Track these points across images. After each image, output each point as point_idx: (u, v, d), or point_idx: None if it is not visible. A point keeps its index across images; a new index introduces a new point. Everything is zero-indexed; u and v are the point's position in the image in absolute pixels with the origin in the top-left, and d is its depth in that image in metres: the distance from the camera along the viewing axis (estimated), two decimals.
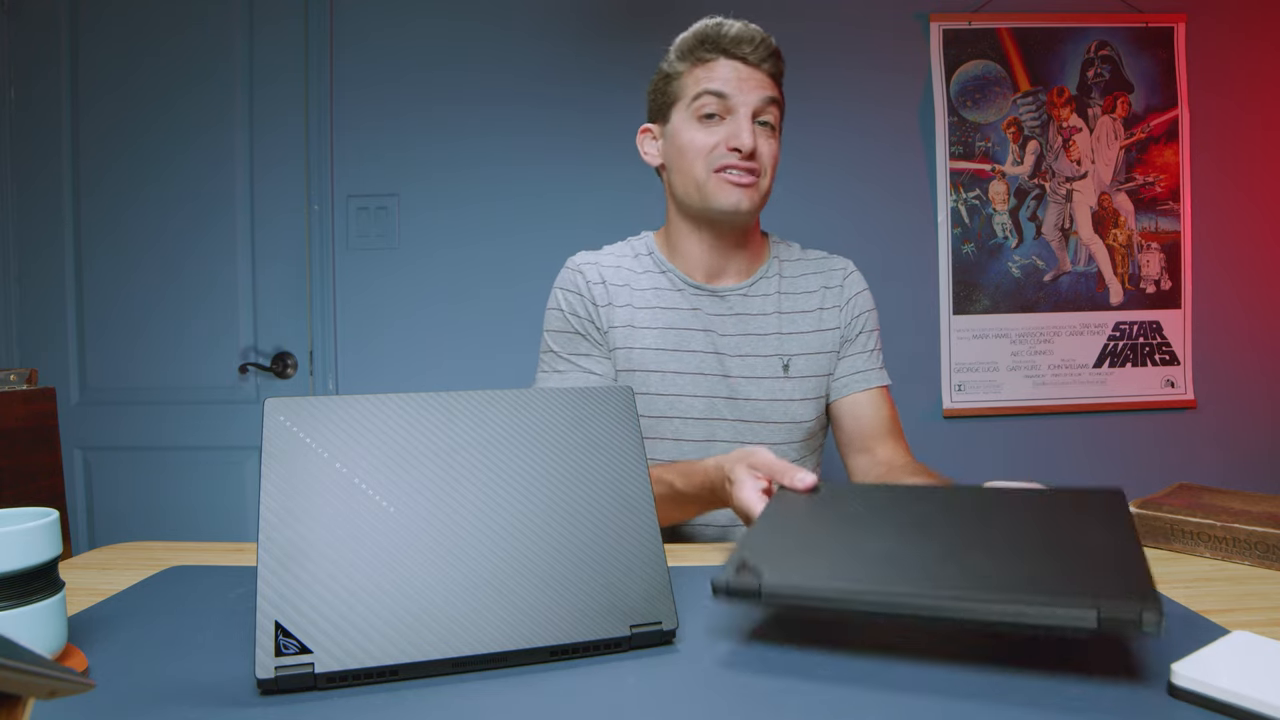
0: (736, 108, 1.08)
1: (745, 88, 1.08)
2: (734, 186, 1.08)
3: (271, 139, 2.21)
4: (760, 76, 1.09)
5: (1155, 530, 0.92)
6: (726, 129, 1.08)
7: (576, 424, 0.71)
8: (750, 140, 1.06)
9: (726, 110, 1.08)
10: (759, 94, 1.08)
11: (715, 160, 1.09)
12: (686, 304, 1.15)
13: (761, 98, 1.08)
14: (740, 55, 1.08)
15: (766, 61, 1.09)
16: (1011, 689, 0.56)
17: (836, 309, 1.19)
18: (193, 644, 0.66)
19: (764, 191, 1.12)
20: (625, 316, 1.15)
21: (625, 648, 0.63)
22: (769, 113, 1.10)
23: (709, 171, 1.09)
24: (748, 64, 1.08)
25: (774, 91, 1.10)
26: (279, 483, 0.61)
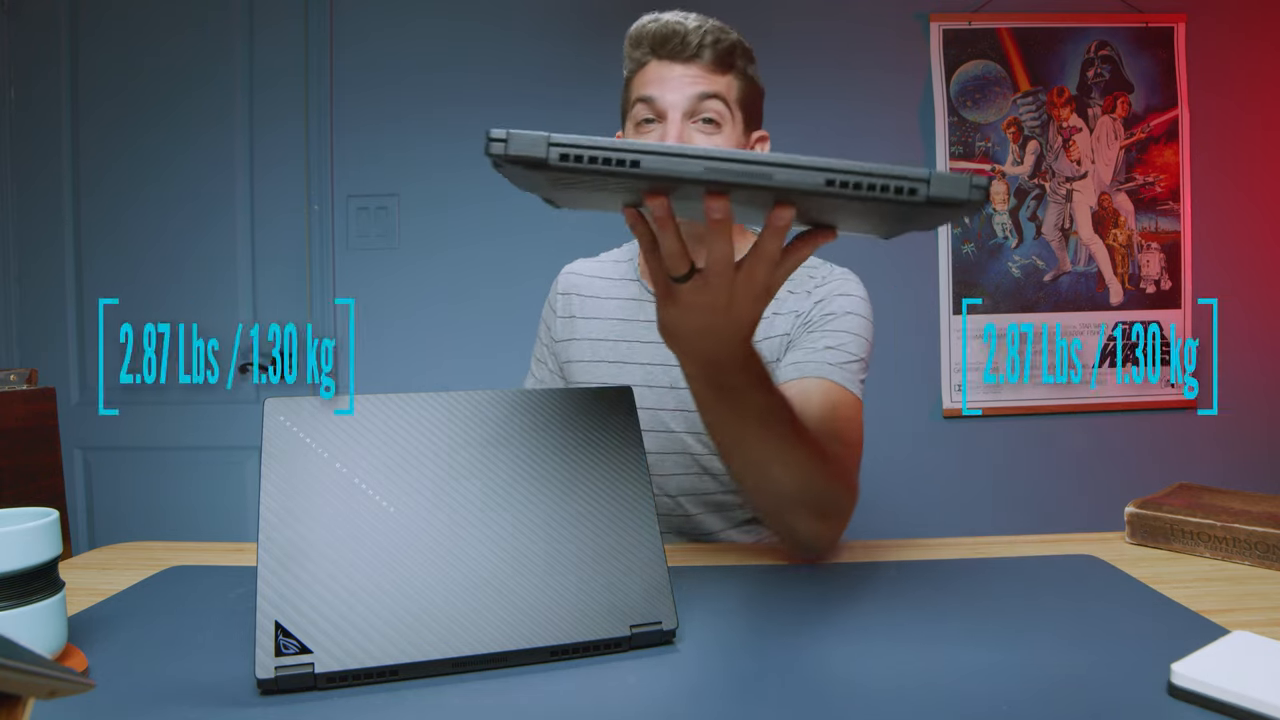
0: (665, 110, 1.00)
1: (672, 87, 1.00)
2: None
3: (271, 139, 2.21)
4: (693, 71, 1.00)
5: (1155, 530, 0.92)
6: (657, 134, 1.01)
7: (576, 424, 0.71)
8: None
9: (659, 115, 1.01)
10: (687, 92, 0.99)
11: None
12: (646, 315, 1.14)
13: (690, 95, 0.99)
14: (668, 53, 1.00)
15: (703, 52, 0.99)
16: (1011, 689, 0.56)
17: (793, 314, 1.07)
18: (193, 644, 0.66)
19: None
20: (588, 329, 1.16)
21: (625, 648, 0.63)
22: (706, 109, 1.00)
23: None
24: (677, 60, 1.00)
25: (710, 85, 1.00)
26: (279, 483, 0.61)
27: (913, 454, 2.17)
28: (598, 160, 0.51)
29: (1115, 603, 0.74)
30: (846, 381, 0.98)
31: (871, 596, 0.77)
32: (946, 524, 2.17)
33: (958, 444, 2.22)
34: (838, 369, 0.98)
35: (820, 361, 0.99)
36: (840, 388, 0.97)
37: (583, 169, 0.51)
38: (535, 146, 0.51)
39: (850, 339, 1.02)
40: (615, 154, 0.51)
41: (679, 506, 1.10)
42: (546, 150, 0.51)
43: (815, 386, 0.96)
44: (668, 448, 1.10)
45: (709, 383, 0.68)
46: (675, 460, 1.09)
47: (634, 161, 0.51)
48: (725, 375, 0.66)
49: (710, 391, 0.69)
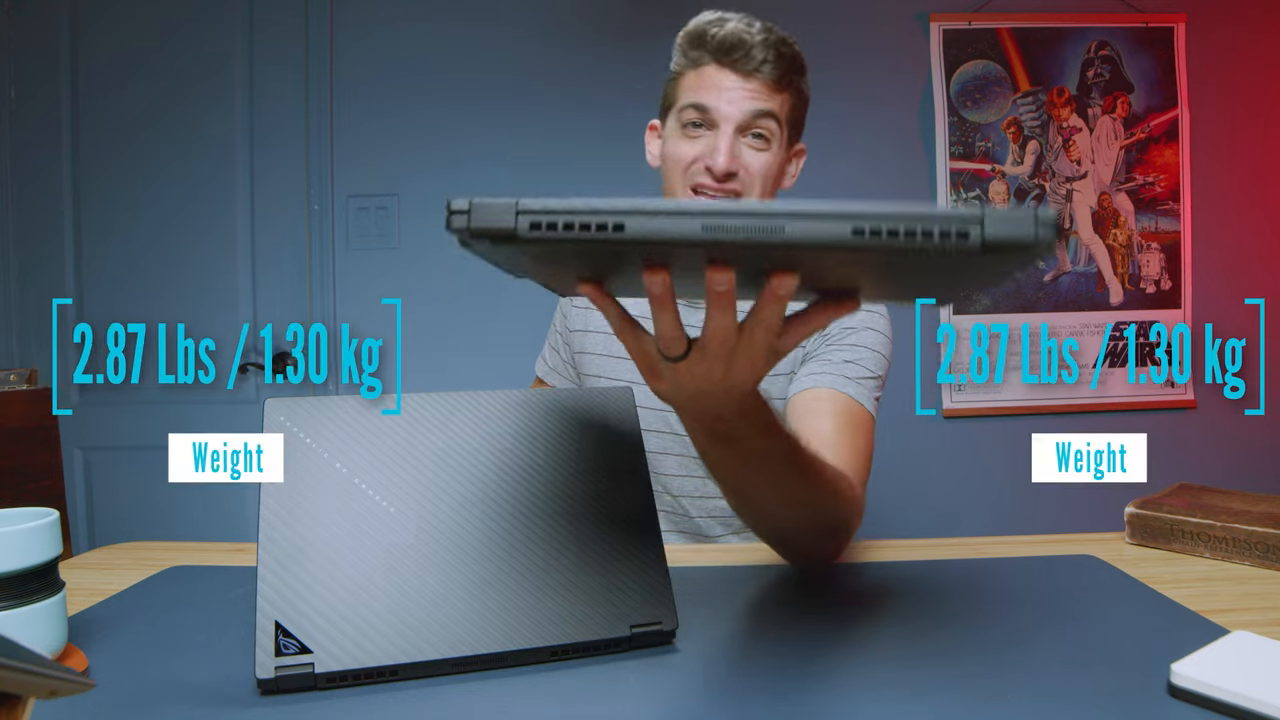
0: (718, 122, 0.98)
1: (730, 99, 0.98)
2: None
3: (272, 139, 2.21)
4: (753, 86, 0.98)
5: (1155, 530, 0.92)
6: (706, 143, 1.00)
7: (577, 424, 0.71)
8: (725, 160, 0.97)
9: (710, 124, 0.99)
10: (745, 107, 0.98)
11: (692, 177, 1.01)
12: None
13: (748, 111, 0.98)
14: (730, 63, 0.98)
15: (765, 67, 0.98)
16: (1011, 689, 0.56)
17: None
18: (193, 644, 0.66)
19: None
20: (603, 322, 1.15)
21: (625, 648, 0.63)
22: (760, 126, 0.99)
23: (685, 189, 1.02)
24: (739, 72, 0.98)
25: (768, 102, 0.99)
26: (279, 483, 0.61)
27: (913, 454, 2.17)
28: (574, 227, 0.43)
29: (1115, 603, 0.74)
30: (861, 397, 0.97)
31: (871, 597, 0.77)
32: (946, 524, 2.17)
33: (958, 444, 2.22)
34: (854, 383, 0.97)
35: (837, 374, 0.98)
36: (854, 402, 0.96)
37: (558, 238, 0.44)
38: (501, 215, 0.44)
39: (869, 355, 1.00)
40: (595, 218, 0.43)
41: (680, 508, 1.10)
42: (515, 220, 0.44)
43: (829, 398, 0.95)
44: (672, 449, 1.10)
45: (708, 434, 0.64)
46: (678, 461, 1.09)
47: (618, 225, 0.43)
48: (724, 426, 0.61)
49: (709, 441, 0.65)
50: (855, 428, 0.94)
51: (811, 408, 0.95)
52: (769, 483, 0.69)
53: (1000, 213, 0.40)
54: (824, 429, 0.91)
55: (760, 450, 0.65)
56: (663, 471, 1.10)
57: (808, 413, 0.95)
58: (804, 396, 0.97)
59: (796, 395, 0.99)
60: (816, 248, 0.42)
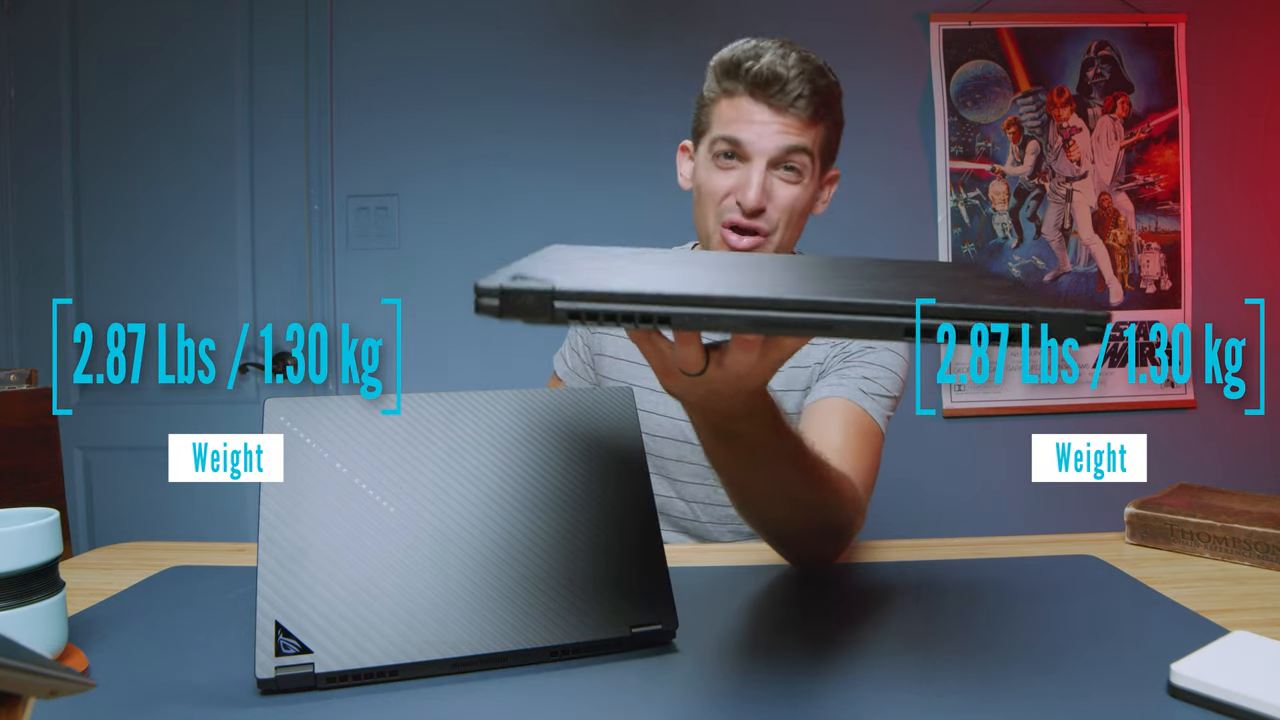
0: (751, 156, 0.98)
1: (762, 134, 0.97)
2: (733, 249, 1.00)
3: (272, 139, 2.21)
4: (787, 121, 0.97)
5: (1155, 530, 0.92)
6: (739, 176, 1.00)
7: (577, 424, 0.71)
8: (755, 197, 0.97)
9: (743, 156, 0.99)
10: (778, 142, 0.97)
11: (724, 213, 1.01)
12: None
13: (781, 146, 0.97)
14: (764, 97, 0.97)
15: (800, 102, 0.97)
16: (1011, 689, 0.56)
17: (829, 344, 1.06)
18: (193, 644, 0.66)
19: (777, 245, 1.02)
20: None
21: (625, 648, 0.63)
22: (793, 160, 0.99)
23: (717, 224, 1.02)
24: (773, 106, 0.97)
25: (802, 137, 0.98)
26: (279, 483, 0.61)
27: (913, 454, 2.17)
28: (617, 317, 0.42)
29: (1115, 603, 0.74)
30: (874, 412, 0.97)
31: (871, 597, 0.77)
32: (946, 524, 2.17)
33: (958, 444, 2.22)
34: (869, 398, 0.98)
35: (853, 388, 0.98)
36: (867, 415, 0.96)
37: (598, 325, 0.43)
38: (538, 308, 0.42)
39: (886, 374, 1.01)
40: (640, 310, 0.42)
41: (692, 513, 1.10)
42: (552, 310, 0.42)
43: (842, 408, 0.96)
44: (686, 456, 1.09)
45: (713, 430, 0.64)
46: (692, 470, 1.09)
47: (663, 318, 0.42)
48: (731, 424, 0.62)
49: (714, 438, 0.65)
50: (864, 439, 0.94)
51: (824, 415, 0.96)
52: (772, 481, 0.69)
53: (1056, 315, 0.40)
54: (833, 436, 0.92)
55: (765, 448, 0.65)
56: (678, 478, 1.10)
57: (820, 420, 0.96)
58: (818, 405, 0.98)
59: (811, 404, 1.00)
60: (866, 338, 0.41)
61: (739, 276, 0.49)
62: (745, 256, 0.63)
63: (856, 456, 0.91)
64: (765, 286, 0.43)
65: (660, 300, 0.42)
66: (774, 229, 1.00)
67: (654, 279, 0.44)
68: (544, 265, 0.47)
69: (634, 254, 0.56)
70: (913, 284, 0.47)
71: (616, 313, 0.42)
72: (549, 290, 0.42)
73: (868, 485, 0.92)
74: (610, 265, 0.51)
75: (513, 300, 0.42)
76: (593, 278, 0.44)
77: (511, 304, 0.42)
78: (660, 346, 0.55)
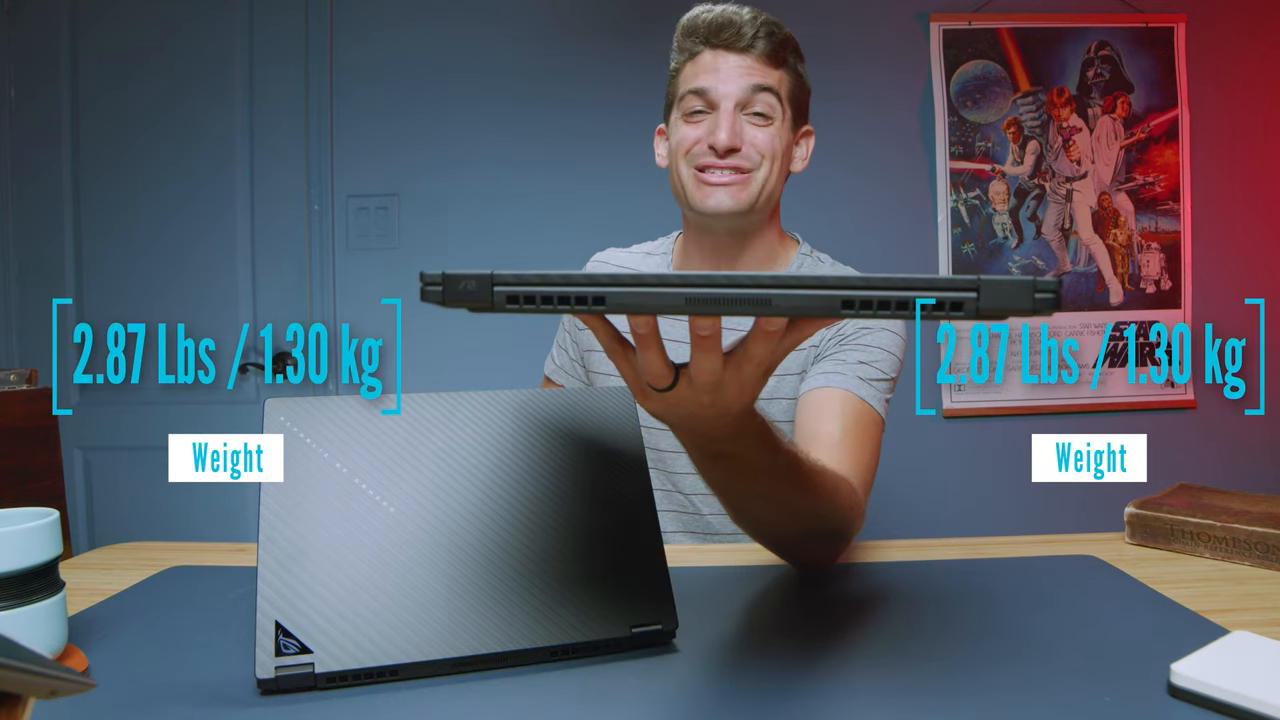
0: (718, 101, 0.99)
1: (726, 77, 0.99)
2: (714, 187, 1.00)
3: (272, 139, 2.21)
4: (747, 62, 0.99)
5: (1155, 530, 0.92)
6: (709, 124, 1.00)
7: (577, 424, 0.71)
8: (727, 136, 0.98)
9: (711, 105, 1.00)
10: (742, 83, 0.99)
11: (696, 157, 1.01)
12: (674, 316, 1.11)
13: (745, 86, 0.99)
14: (723, 43, 1.00)
15: (757, 43, 0.99)
16: (1010, 689, 0.56)
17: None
18: (193, 644, 0.66)
19: (761, 185, 1.01)
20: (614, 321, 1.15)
21: (625, 648, 0.63)
22: (759, 102, 1.00)
23: (690, 170, 1.02)
24: (732, 50, 0.99)
25: (765, 77, 1.00)
26: (279, 483, 0.61)
27: (913, 454, 2.17)
28: (553, 299, 0.43)
29: (1115, 603, 0.74)
30: (872, 399, 0.96)
31: (871, 597, 0.77)
32: (946, 524, 2.17)
33: (958, 444, 2.22)
34: (866, 385, 0.96)
35: (850, 375, 0.97)
36: (865, 404, 0.95)
37: (535, 309, 0.44)
38: (478, 292, 0.43)
39: (884, 356, 1.00)
40: (574, 291, 0.43)
41: (691, 505, 1.10)
42: (491, 295, 0.44)
43: (840, 399, 0.95)
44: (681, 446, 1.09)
45: (701, 452, 0.63)
46: (688, 461, 1.08)
47: (598, 299, 0.43)
48: (717, 445, 0.60)
49: (704, 459, 0.64)
50: (863, 431, 0.93)
51: (821, 408, 0.95)
52: (767, 496, 0.69)
53: (997, 283, 0.40)
54: (831, 431, 0.91)
55: (756, 466, 0.64)
56: (675, 470, 1.10)
57: (817, 412, 0.95)
58: (814, 396, 0.97)
59: (807, 394, 0.98)
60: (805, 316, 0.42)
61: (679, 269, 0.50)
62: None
63: (856, 450, 0.90)
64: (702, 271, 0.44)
65: (594, 281, 0.43)
66: (755, 167, 1.00)
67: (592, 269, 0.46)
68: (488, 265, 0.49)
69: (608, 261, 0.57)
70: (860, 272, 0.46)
71: (553, 294, 0.43)
72: (488, 275, 0.43)
73: (867, 481, 0.91)
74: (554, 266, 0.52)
75: (454, 285, 0.44)
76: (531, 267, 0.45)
77: (453, 290, 0.44)
78: (631, 360, 0.54)
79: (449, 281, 0.44)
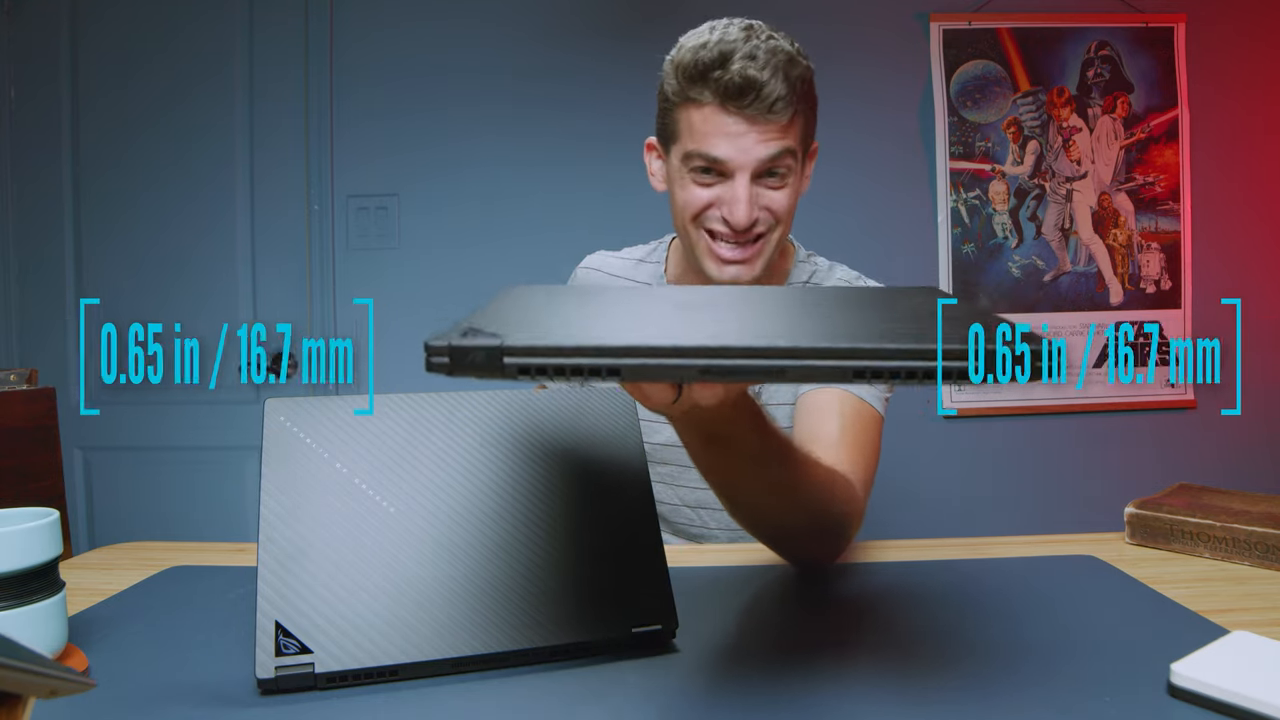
0: (733, 172, 0.92)
1: (743, 147, 0.90)
2: (728, 263, 0.96)
3: (272, 139, 2.21)
4: (765, 129, 0.90)
5: (1155, 530, 0.92)
6: (721, 190, 0.94)
7: (577, 424, 0.71)
8: (745, 213, 0.91)
9: (724, 172, 0.93)
10: (760, 153, 0.91)
11: (706, 222, 0.96)
12: None
13: (764, 158, 0.91)
14: (739, 109, 0.89)
15: (778, 104, 0.89)
16: (1010, 689, 0.56)
17: None
18: (193, 644, 0.66)
19: (775, 245, 0.98)
20: None
21: (625, 648, 0.63)
22: (778, 165, 0.93)
23: (701, 234, 0.97)
24: (748, 118, 0.89)
25: (783, 137, 0.91)
26: (279, 483, 0.61)
27: (913, 454, 2.17)
28: (566, 371, 0.42)
29: (1115, 603, 0.74)
30: (871, 396, 0.95)
31: (871, 597, 0.77)
32: (946, 524, 2.17)
33: (958, 444, 2.22)
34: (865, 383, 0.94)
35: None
36: (863, 402, 0.94)
37: (548, 379, 0.43)
38: (488, 364, 0.42)
39: None
40: (588, 363, 0.42)
41: (699, 519, 1.10)
42: (501, 367, 0.42)
43: (838, 398, 0.93)
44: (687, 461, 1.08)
45: (697, 435, 0.63)
46: (695, 475, 1.07)
47: (612, 370, 0.42)
48: (713, 427, 0.61)
49: (699, 442, 0.64)
50: (862, 429, 0.92)
51: (820, 407, 0.94)
52: (762, 483, 0.69)
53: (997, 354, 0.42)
54: (830, 430, 0.90)
55: (751, 449, 0.64)
56: (682, 484, 1.09)
57: (815, 412, 0.93)
58: (813, 396, 0.95)
59: (806, 394, 0.97)
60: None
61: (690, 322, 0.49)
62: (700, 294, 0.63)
63: (855, 448, 0.89)
64: (713, 334, 0.44)
65: (607, 353, 0.42)
66: (770, 230, 0.97)
67: (603, 331, 0.45)
68: (496, 317, 0.48)
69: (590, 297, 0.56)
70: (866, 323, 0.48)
71: (565, 366, 0.42)
72: (497, 347, 0.42)
73: (867, 479, 0.90)
74: (562, 314, 0.51)
75: (461, 358, 0.42)
76: (541, 332, 0.44)
77: (460, 361, 0.42)
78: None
79: (455, 354, 0.42)
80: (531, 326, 0.46)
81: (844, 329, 0.47)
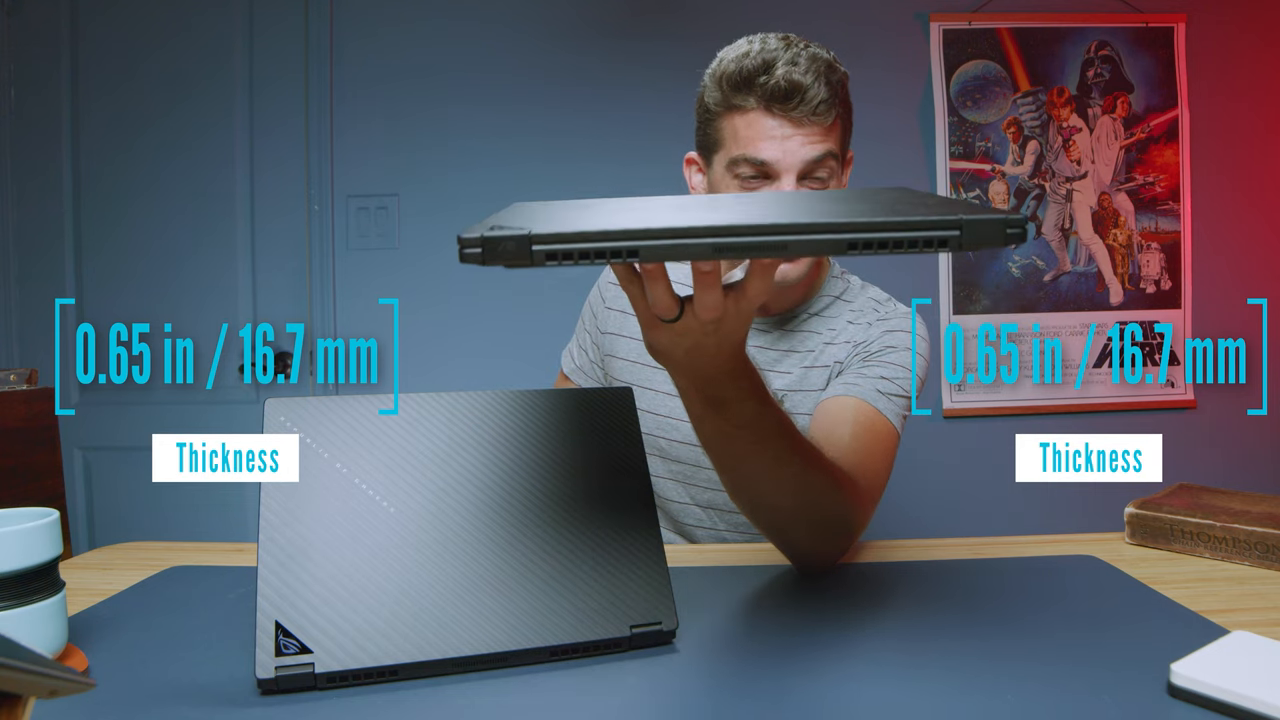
0: (779, 175, 0.94)
1: (789, 149, 0.93)
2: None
3: (272, 139, 2.21)
4: (809, 131, 0.93)
5: (1155, 530, 0.92)
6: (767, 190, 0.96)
7: (577, 424, 0.71)
8: None
9: (770, 175, 0.94)
10: (805, 154, 0.93)
11: None
12: None
13: (809, 159, 0.93)
14: (784, 112, 0.92)
15: (821, 107, 0.92)
16: (1011, 689, 0.56)
17: (850, 344, 1.04)
18: (193, 644, 0.66)
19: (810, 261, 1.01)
20: (623, 324, 1.14)
21: (625, 648, 0.63)
22: (821, 168, 0.95)
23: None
24: (793, 121, 0.92)
25: (826, 140, 0.94)
26: (279, 483, 0.61)
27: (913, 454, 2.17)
28: (590, 255, 0.46)
29: (1115, 603, 0.74)
30: (889, 412, 0.96)
31: (871, 597, 0.77)
32: (946, 524, 2.17)
33: (958, 444, 2.22)
34: (885, 398, 0.96)
35: (868, 388, 0.96)
36: (880, 415, 0.95)
37: (573, 264, 0.47)
38: (518, 252, 0.46)
39: (905, 375, 0.99)
40: (610, 245, 0.46)
41: (709, 519, 1.10)
42: (530, 254, 0.46)
43: (854, 407, 0.94)
44: (702, 461, 1.07)
45: (700, 395, 0.65)
46: (707, 475, 1.07)
47: (632, 251, 0.46)
48: (716, 388, 0.63)
49: (701, 404, 0.66)
50: (875, 440, 0.93)
51: (834, 414, 0.94)
52: (761, 457, 0.70)
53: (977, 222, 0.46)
54: (841, 435, 0.90)
55: (750, 417, 0.66)
56: (694, 483, 1.09)
57: (829, 418, 0.94)
58: (830, 403, 0.96)
59: (824, 401, 0.97)
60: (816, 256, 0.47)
61: (700, 213, 0.53)
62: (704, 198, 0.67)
63: (864, 455, 0.89)
64: (723, 218, 0.48)
65: (628, 235, 0.46)
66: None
67: (623, 219, 0.49)
68: (517, 217, 0.51)
69: (596, 202, 0.61)
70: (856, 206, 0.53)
71: (590, 250, 0.46)
72: (526, 235, 0.46)
73: (873, 488, 0.90)
74: (579, 211, 0.55)
75: (494, 247, 0.46)
76: (565, 222, 0.48)
77: (493, 250, 0.46)
78: (642, 293, 0.58)
79: (488, 244, 0.46)
80: (553, 220, 0.49)
81: (840, 211, 0.51)
